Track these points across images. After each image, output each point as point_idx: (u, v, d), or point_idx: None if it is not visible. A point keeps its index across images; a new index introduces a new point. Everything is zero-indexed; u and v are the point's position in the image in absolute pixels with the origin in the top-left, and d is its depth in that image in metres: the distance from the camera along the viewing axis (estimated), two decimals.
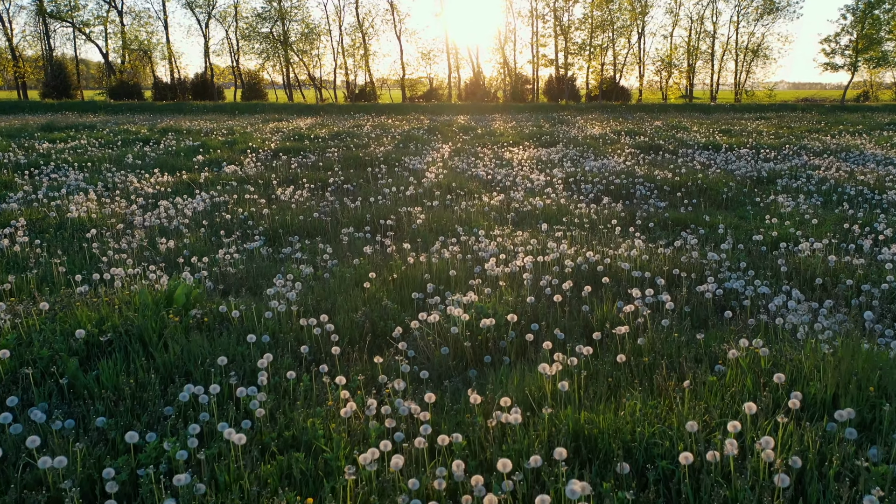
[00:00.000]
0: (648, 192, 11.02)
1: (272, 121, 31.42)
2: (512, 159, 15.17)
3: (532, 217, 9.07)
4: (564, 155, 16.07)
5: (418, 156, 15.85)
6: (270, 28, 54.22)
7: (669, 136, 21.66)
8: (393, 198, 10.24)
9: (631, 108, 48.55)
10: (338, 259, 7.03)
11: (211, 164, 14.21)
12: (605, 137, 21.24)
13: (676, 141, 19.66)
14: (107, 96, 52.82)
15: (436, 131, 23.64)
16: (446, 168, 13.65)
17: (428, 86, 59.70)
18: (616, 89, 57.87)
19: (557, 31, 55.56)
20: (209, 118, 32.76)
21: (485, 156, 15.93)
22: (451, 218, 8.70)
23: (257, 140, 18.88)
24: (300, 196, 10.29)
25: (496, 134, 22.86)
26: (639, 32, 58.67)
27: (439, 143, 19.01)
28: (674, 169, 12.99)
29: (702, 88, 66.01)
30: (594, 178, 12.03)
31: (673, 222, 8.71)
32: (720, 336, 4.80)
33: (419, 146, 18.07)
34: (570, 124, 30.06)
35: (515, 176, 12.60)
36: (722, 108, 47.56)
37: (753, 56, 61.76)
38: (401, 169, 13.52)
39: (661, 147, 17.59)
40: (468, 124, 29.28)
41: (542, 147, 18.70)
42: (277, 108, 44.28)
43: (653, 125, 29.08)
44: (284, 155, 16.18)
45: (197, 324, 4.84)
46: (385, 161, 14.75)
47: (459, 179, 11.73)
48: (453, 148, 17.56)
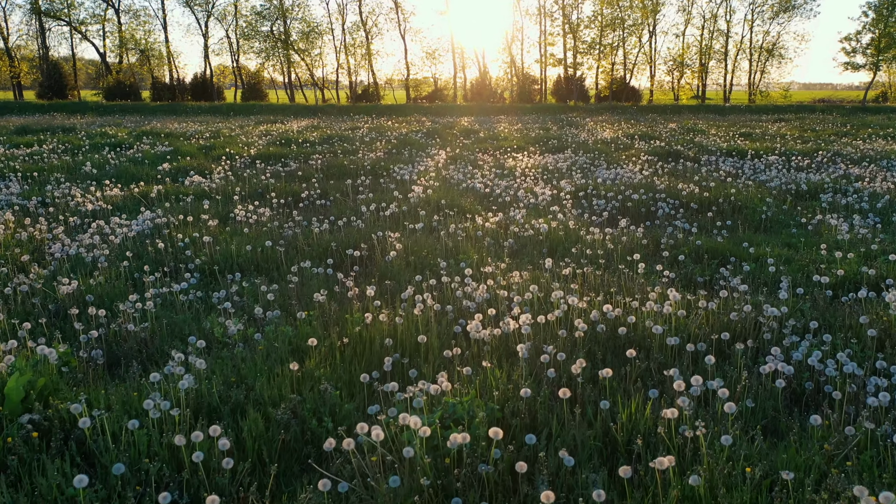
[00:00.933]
0: (672, 210, 9.40)
1: (266, 123, 29.94)
2: (515, 168, 13.57)
3: (534, 244, 7.47)
4: (573, 163, 14.46)
5: (410, 164, 14.27)
6: (270, 27, 52.81)
7: (687, 140, 20.00)
8: (370, 219, 8.66)
9: (642, 109, 46.83)
10: (281, 308, 5.46)
11: (177, 174, 12.68)
12: (617, 142, 19.60)
13: (695, 146, 18.00)
14: (102, 97, 51.52)
15: (435, 134, 22.05)
16: (439, 179, 12.07)
17: (433, 86, 58.13)
18: (626, 90, 56.10)
19: (566, 29, 53.86)
20: (201, 120, 31.30)
21: (485, 164, 14.33)
22: (434, 247, 7.11)
23: (239, 145, 17.35)
24: (262, 215, 8.73)
25: (500, 137, 21.26)
26: (650, 31, 56.92)
27: (437, 148, 17.44)
28: (699, 181, 11.34)
29: (714, 89, 64.12)
30: (608, 191, 10.43)
31: (708, 253, 7.09)
32: (807, 459, 3.20)
33: (414, 152, 16.50)
34: (579, 127, 28.41)
35: (517, 189, 11.01)
36: (737, 109, 45.75)
37: (768, 56, 59.89)
38: (387, 181, 11.95)
39: (680, 154, 15.93)
40: (471, 127, 27.69)
41: (548, 153, 17.09)
42: (275, 108, 42.82)
43: (667, 127, 27.40)
44: (262, 162, 14.64)
45: (24, 440, 3.27)
46: (372, 170, 13.18)
47: (452, 194, 10.14)
48: (451, 154, 15.98)
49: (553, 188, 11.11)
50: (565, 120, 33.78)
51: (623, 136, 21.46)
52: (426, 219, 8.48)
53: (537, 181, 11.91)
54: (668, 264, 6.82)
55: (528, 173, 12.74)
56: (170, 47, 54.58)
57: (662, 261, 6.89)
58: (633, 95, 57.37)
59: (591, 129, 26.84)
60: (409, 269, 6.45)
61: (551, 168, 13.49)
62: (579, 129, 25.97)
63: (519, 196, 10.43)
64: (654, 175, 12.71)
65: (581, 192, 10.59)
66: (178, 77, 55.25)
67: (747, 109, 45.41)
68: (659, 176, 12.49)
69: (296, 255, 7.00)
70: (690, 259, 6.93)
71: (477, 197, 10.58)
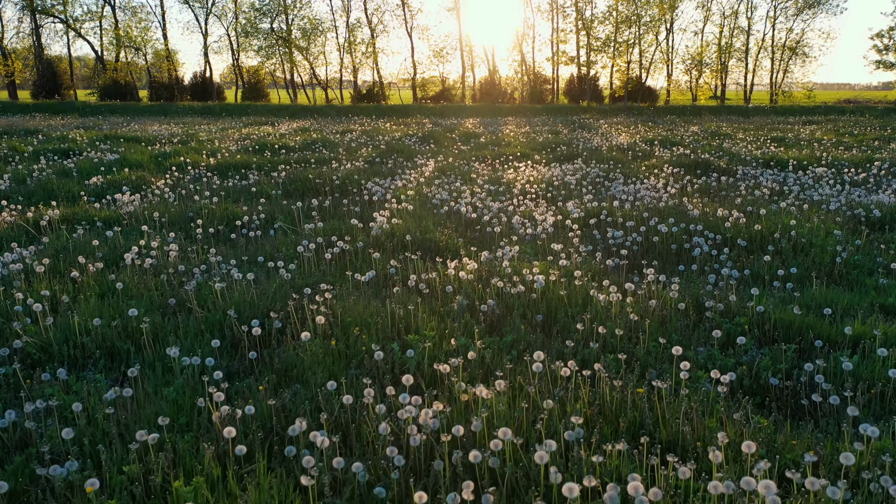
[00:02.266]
0: (713, 247, 7.14)
1: (256, 124, 27.89)
2: (514, 183, 11.34)
3: (526, 306, 5.26)
4: (584, 175, 12.21)
5: (391, 176, 12.09)
6: (270, 24, 50.75)
7: (714, 147, 17.67)
8: (305, 267, 6.47)
9: (659, 110, 44.37)
10: (79, 452, 3.29)
11: (105, 190, 10.58)
12: (634, 148, 17.31)
13: (725, 154, 15.68)
14: (98, 96, 49.77)
15: (431, 139, 19.85)
16: (417, 198, 9.87)
17: (440, 86, 55.89)
18: (642, 90, 53.53)
19: (579, 25, 51.37)
20: (187, 122, 29.29)
21: (479, 176, 12.11)
22: (378, 316, 4.91)
23: (204, 152, 15.25)
24: (166, 255, 6.58)
25: (503, 143, 19.02)
26: (667, 28, 54.30)
27: (428, 155, 15.24)
28: (742, 205, 9.04)
29: (734, 89, 61.45)
30: (626, 218, 8.18)
31: (782, 328, 4.84)
32: None
33: (399, 162, 14.31)
34: (591, 130, 26.11)
35: (513, 213, 8.79)
36: (761, 110, 43.17)
37: (791, 54, 57.14)
38: (353, 201, 9.77)
39: (709, 164, 13.62)
40: (474, 129, 25.48)
41: (556, 162, 14.84)
42: (272, 109, 40.79)
43: (688, 131, 25.04)
44: (219, 174, 12.52)
45: None
46: (341, 186, 11.01)
47: (426, 222, 7.93)
48: (441, 164, 13.76)
49: (557, 212, 8.88)
50: (577, 122, 31.46)
51: (641, 142, 19.15)
52: (381, 263, 6.28)
53: (538, 201, 9.67)
54: (721, 348, 4.58)
55: (528, 190, 10.51)
56: (168, 45, 52.76)
57: (711, 341, 4.65)
58: (650, 96, 54.78)
59: (605, 132, 24.53)
60: (330, 361, 4.25)
61: (557, 183, 11.25)
62: (592, 133, 23.68)
63: (513, 224, 8.21)
64: (683, 193, 10.43)
65: (592, 217, 8.35)
66: (176, 76, 53.39)
67: (772, 111, 42.83)
68: (689, 195, 10.21)
69: (175, 328, 4.83)
70: (753, 341, 4.67)
71: (459, 225, 8.37)
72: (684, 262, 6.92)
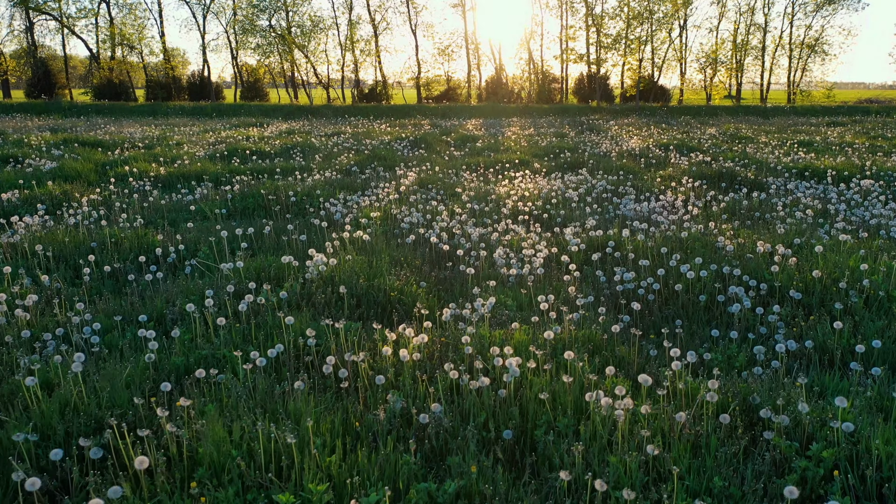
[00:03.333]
0: (758, 300, 5.34)
1: (244, 126, 26.24)
2: (505, 198, 9.58)
3: (487, 413, 3.50)
4: (589, 189, 10.42)
5: (362, 190, 10.37)
6: (269, 20, 49.08)
7: (736, 152, 15.81)
8: (198, 329, 4.72)
9: (672, 110, 42.37)
10: None
11: (18, 208, 8.91)
12: (647, 154, 15.48)
13: (750, 161, 13.83)
14: (91, 96, 48.36)
15: (422, 143, 18.09)
16: (385, 218, 8.13)
17: (445, 85, 54.07)
18: (655, 89, 51.43)
19: (589, 21, 49.37)
20: (169, 123, 27.68)
21: (465, 190, 10.34)
22: (243, 448, 3.16)
23: (158, 161, 13.57)
24: (6, 314, 4.86)
25: (501, 147, 17.23)
26: (681, 25, 52.18)
27: (413, 163, 13.48)
28: (787, 236, 7.19)
29: (749, 88, 59.22)
30: (639, 252, 6.41)
31: (893, 467, 3.05)
32: None
33: (378, 171, 12.55)
34: (600, 132, 24.27)
35: (497, 243, 7.03)
36: (780, 110, 41.09)
37: (810, 52, 54.89)
38: (300, 228, 8.02)
39: (735, 175, 11.77)
40: (474, 132, 23.72)
41: (558, 171, 13.05)
42: (267, 109, 39.15)
43: (705, 133, 23.15)
44: (165, 188, 10.86)
45: None
46: (297, 204, 9.29)
47: (380, 261, 6.18)
48: (426, 174, 12.00)
49: (552, 242, 7.10)
50: (586, 123, 29.60)
51: (655, 147, 17.31)
52: (296, 330, 4.52)
53: (532, 225, 7.91)
54: None
55: (521, 209, 8.73)
56: (165, 43, 51.27)
57: (779, 500, 2.87)
58: (662, 95, 52.69)
59: (614, 135, 22.69)
60: None
61: (556, 199, 9.48)
62: (601, 136, 21.84)
63: (496, 259, 6.44)
64: (708, 215, 8.62)
65: (596, 251, 6.57)
66: (173, 75, 51.86)
67: (791, 111, 40.74)
68: (715, 217, 8.40)
69: None
70: (850, 497, 2.89)
71: (428, 260, 6.62)
72: (718, 320, 5.14)
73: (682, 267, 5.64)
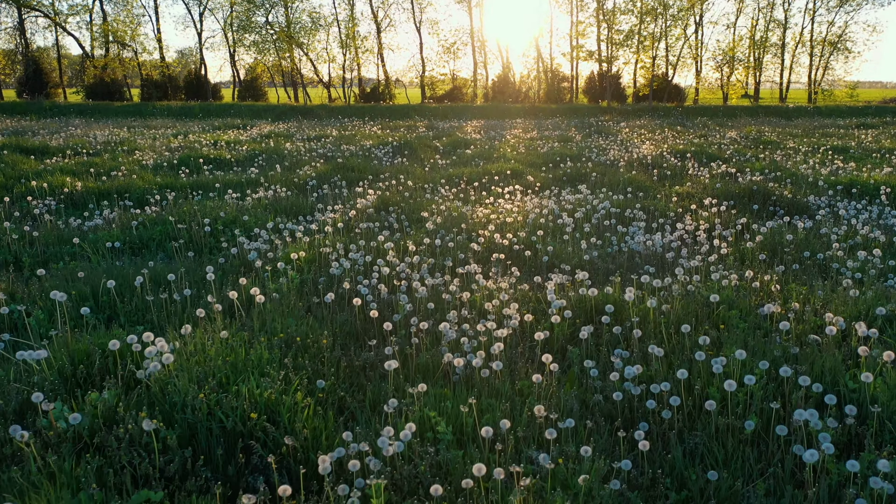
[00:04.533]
0: (847, 438, 3.31)
1: (226, 128, 24.40)
2: (482, 225, 7.57)
3: None
4: (589, 212, 8.39)
5: (306, 214, 8.40)
6: (266, 16, 47.17)
7: (763, 161, 13.70)
8: None
9: (688, 110, 40.06)
10: None
11: None
12: (661, 163, 13.40)
13: (783, 173, 11.73)
14: (83, 95, 46.75)
15: (405, 150, 16.11)
16: (312, 261, 6.15)
17: (450, 84, 51.98)
18: (669, 88, 49.02)
19: (600, 17, 47.06)
20: (146, 125, 25.87)
21: (434, 215, 8.32)
22: None
23: (75, 175, 11.68)
24: None
25: (495, 155, 15.20)
26: (696, 21, 49.72)
27: (385, 175, 11.49)
28: (863, 303, 5.07)
29: (768, 87, 56.72)
30: (647, 329, 4.41)
31: None
32: None
33: (337, 188, 10.55)
34: (610, 135, 22.17)
35: (451, 302, 5.03)
36: (803, 111, 38.69)
37: (832, 49, 52.30)
38: (194, 271, 6.04)
39: (768, 193, 9.66)
40: (471, 135, 21.71)
41: (555, 185, 11.02)
42: (258, 110, 37.29)
43: (725, 137, 20.99)
44: (71, 206, 8.96)
45: None
46: (215, 234, 7.33)
47: (257, 350, 4.19)
48: (390, 193, 10.01)
49: (529, 299, 5.09)
50: (594, 125, 27.49)
51: (669, 154, 15.21)
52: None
53: (507, 269, 5.89)
54: None
55: (497, 242, 6.73)
56: (161, 41, 49.63)
57: None
58: (677, 95, 50.29)
59: (625, 138, 20.60)
60: None
61: (546, 228, 7.45)
62: (609, 140, 19.74)
63: (443, 330, 4.44)
64: (741, 254, 6.57)
65: (586, 323, 4.57)
66: (168, 74, 50.16)
67: (815, 111, 38.33)
68: (753, 260, 6.35)
69: None
70: None
71: (342, 336, 4.63)
72: (779, 466, 3.11)
73: (713, 363, 3.63)
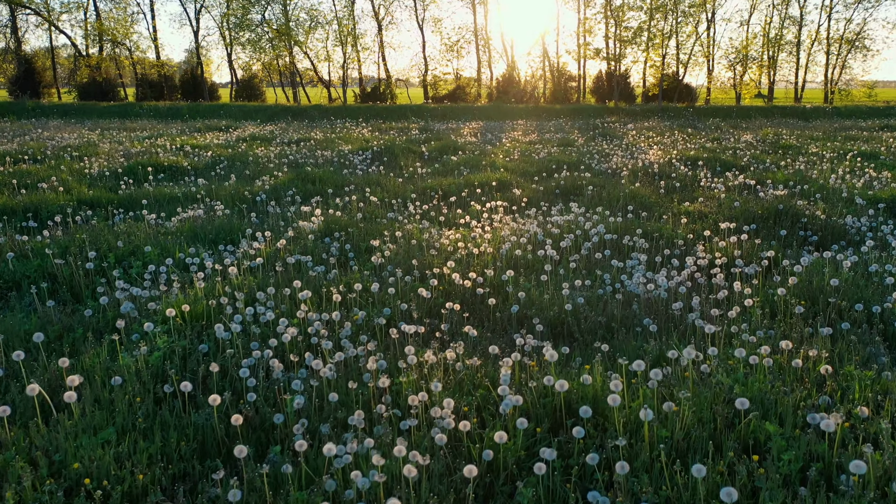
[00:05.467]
0: None
1: (209, 129, 23.00)
2: (442, 259, 6.05)
3: None
4: (579, 239, 6.83)
5: (234, 241, 6.91)
6: (262, 13, 45.69)
7: (788, 172, 12.09)
8: None
9: (699, 111, 38.32)
10: None
11: None
12: (669, 172, 11.81)
13: (811, 186, 10.12)
14: (75, 96, 45.53)
15: (385, 156, 14.61)
16: (189, 328, 4.65)
17: (454, 83, 50.37)
18: (679, 88, 47.19)
19: (608, 13, 45.29)
20: (129, 126, 24.50)
21: (387, 243, 6.79)
22: None
23: (8, 186, 10.27)
24: None
25: (483, 163, 13.64)
26: (708, 18, 47.86)
27: (350, 188, 9.99)
28: None
29: (783, 87, 54.72)
30: (643, 456, 2.86)
31: None
32: None
33: (287, 205, 9.03)
34: (615, 138, 20.57)
35: (371, 388, 3.50)
36: (821, 112, 36.87)
37: (850, 47, 50.33)
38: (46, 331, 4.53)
39: (796, 214, 8.05)
40: (466, 138, 20.18)
41: (544, 202, 9.47)
42: (248, 110, 35.85)
43: (740, 140, 19.35)
44: None
45: None
46: (101, 271, 5.84)
47: None
48: (350, 210, 8.49)
49: (480, 384, 3.56)
50: (600, 127, 25.87)
51: (679, 161, 13.61)
52: None
53: (454, 330, 4.37)
54: None
55: (457, 283, 5.21)
56: (157, 40, 48.34)
57: None
58: (688, 94, 48.46)
59: (631, 142, 18.99)
60: None
61: (522, 264, 5.92)
62: (614, 145, 18.15)
63: (328, 453, 2.89)
64: (771, 305, 5.00)
65: (555, 427, 3.03)
66: (164, 74, 48.84)
67: (834, 112, 36.50)
68: (787, 318, 4.78)
69: None
70: None
71: (181, 462, 3.12)
72: None
73: None
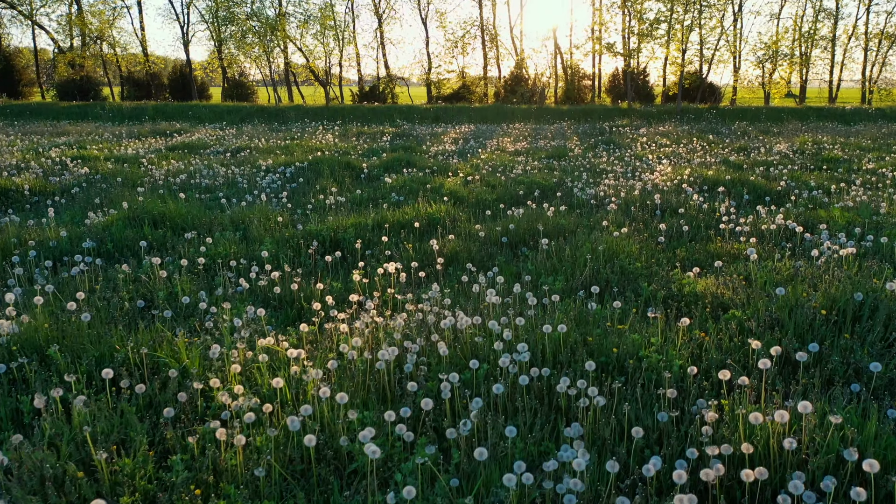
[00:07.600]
0: None
1: (144, 136, 20.03)
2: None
3: None
4: (515, 372, 3.56)
5: None
6: (251, 5, 42.65)
7: (849, 206, 8.64)
8: None
9: (724, 112, 34.49)
10: None
11: None
12: (677, 207, 8.41)
13: (885, 228, 6.71)
14: (54, 95, 43.04)
15: (309, 173, 11.40)
16: None
17: (460, 81, 47.04)
18: (703, 87, 43.19)
19: (625, 3, 41.32)
20: (59, 130, 21.58)
21: None
22: None
23: None
24: None
25: (429, 186, 10.34)
26: (735, 11, 43.79)
27: (189, 235, 6.82)
28: None
29: (816, 85, 50.55)
30: None
31: None
32: None
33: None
34: (620, 147, 17.14)
35: None
36: (863, 113, 32.90)
37: (891, 43, 46.02)
38: None
39: (877, 298, 4.69)
40: (440, 147, 16.93)
41: (475, 264, 6.19)
42: (221, 111, 32.76)
43: (772, 152, 15.80)
44: None
45: None
46: None
47: None
48: (114, 291, 5.28)
49: None
50: (607, 132, 22.41)
51: (693, 181, 10.20)
52: None
53: None
54: None
55: None
56: (145, 37, 45.69)
57: None
58: (712, 94, 44.49)
59: (638, 152, 15.56)
60: None
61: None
62: (615, 157, 14.73)
63: None
64: None
65: None
66: (150, 71, 46.16)
67: (878, 115, 32.50)
68: None
69: None
70: None
71: None
72: None
73: None
